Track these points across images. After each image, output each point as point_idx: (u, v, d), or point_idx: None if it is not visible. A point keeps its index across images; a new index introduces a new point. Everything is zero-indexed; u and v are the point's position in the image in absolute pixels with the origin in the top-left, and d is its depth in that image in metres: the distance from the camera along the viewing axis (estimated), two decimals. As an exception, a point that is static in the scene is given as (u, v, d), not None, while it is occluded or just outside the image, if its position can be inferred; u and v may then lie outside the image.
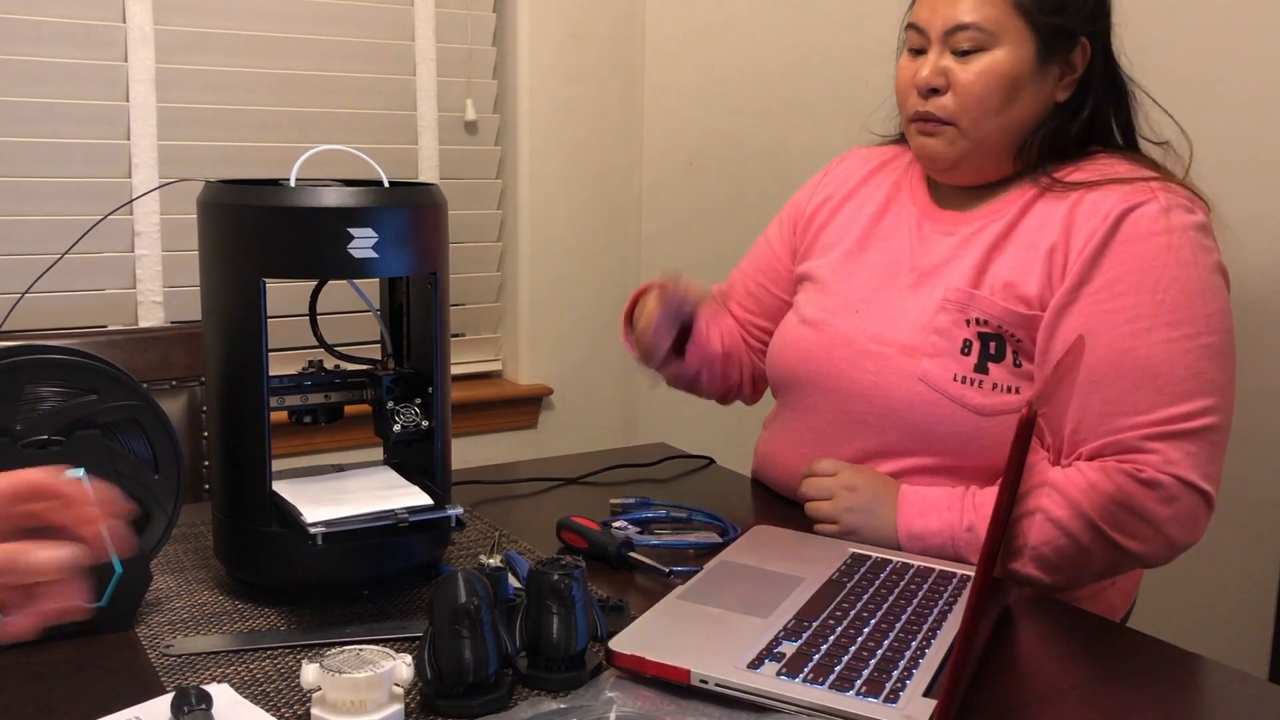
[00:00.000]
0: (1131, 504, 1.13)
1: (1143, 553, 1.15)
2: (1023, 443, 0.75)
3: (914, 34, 1.28)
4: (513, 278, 2.51)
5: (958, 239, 1.29)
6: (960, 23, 1.22)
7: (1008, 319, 1.22)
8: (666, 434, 2.05)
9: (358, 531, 1.01)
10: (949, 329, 1.24)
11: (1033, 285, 1.21)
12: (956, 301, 1.24)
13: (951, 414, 1.22)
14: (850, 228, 1.40)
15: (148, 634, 0.98)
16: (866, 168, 1.46)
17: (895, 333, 1.28)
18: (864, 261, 1.36)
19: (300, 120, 2.22)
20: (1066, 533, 1.13)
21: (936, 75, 1.25)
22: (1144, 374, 1.14)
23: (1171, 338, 1.14)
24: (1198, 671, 0.99)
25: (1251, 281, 1.62)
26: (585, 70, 2.48)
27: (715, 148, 2.48)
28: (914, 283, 1.30)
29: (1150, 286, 1.15)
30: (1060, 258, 1.20)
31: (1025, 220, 1.25)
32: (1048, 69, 1.24)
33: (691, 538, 1.23)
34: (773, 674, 0.88)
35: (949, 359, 1.23)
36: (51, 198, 2.01)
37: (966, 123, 1.24)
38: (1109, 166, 1.25)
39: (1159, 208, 1.18)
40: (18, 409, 0.96)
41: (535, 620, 0.90)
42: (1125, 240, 1.17)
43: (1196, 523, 1.15)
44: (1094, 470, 1.15)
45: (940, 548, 1.18)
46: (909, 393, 1.24)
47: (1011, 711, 0.89)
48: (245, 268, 1.00)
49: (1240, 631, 1.66)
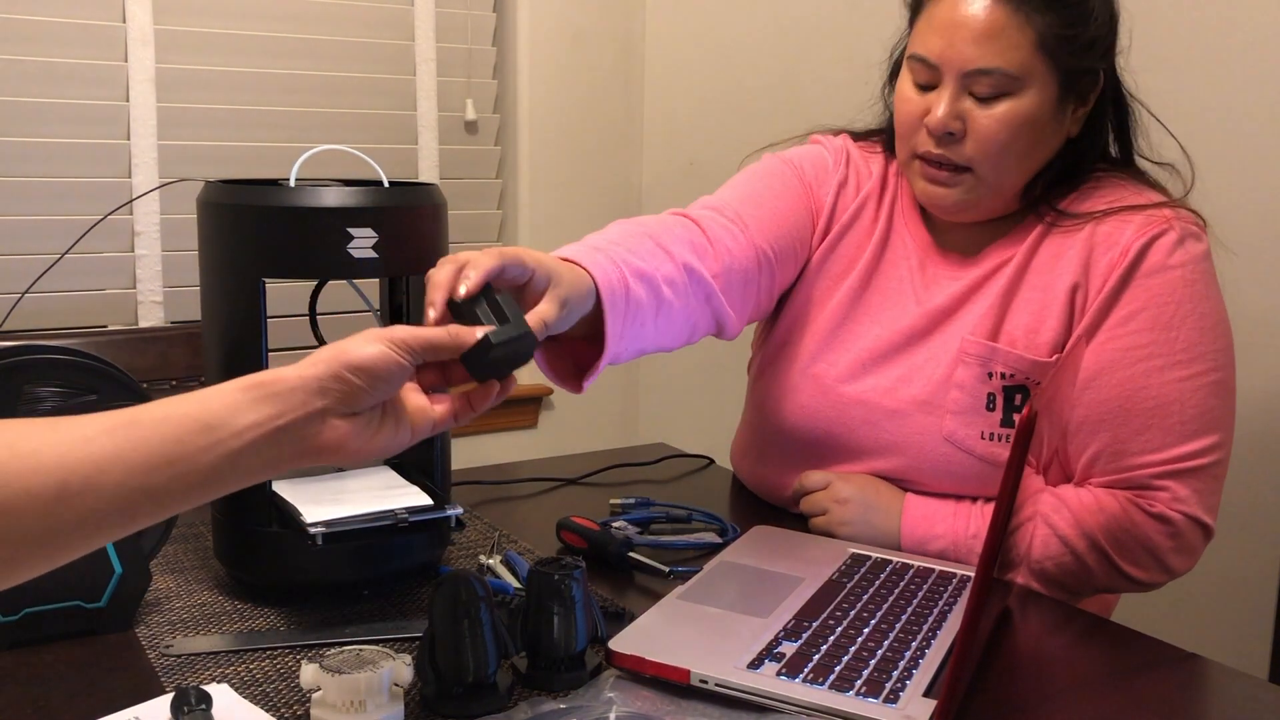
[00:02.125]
0: (1137, 533, 1.13)
1: (1141, 579, 1.15)
2: (1023, 443, 0.75)
3: (921, 68, 1.16)
4: (513, 278, 2.50)
5: (965, 283, 1.23)
6: (982, 67, 1.11)
7: (1033, 371, 1.17)
8: (666, 434, 2.05)
9: (357, 531, 1.01)
10: (971, 384, 1.19)
11: (1053, 329, 1.17)
12: (977, 355, 1.19)
13: (981, 472, 1.19)
14: (856, 256, 1.29)
15: (147, 634, 0.98)
16: (870, 182, 1.32)
17: (910, 387, 1.22)
18: (867, 303, 1.27)
19: (300, 120, 2.22)
20: (1071, 550, 1.14)
21: (953, 119, 1.14)
22: (1155, 414, 1.13)
23: (1183, 376, 1.13)
24: (1198, 671, 0.99)
25: (1252, 282, 1.62)
26: (585, 70, 2.48)
27: (715, 148, 2.48)
28: (924, 330, 1.24)
29: (1165, 323, 1.13)
30: (1082, 295, 1.17)
31: (1036, 260, 1.20)
32: (1064, 106, 1.17)
33: (691, 538, 1.23)
34: (773, 674, 0.88)
35: (974, 415, 1.19)
36: (51, 198, 2.01)
37: (985, 170, 1.16)
38: (1114, 192, 1.20)
39: (1174, 239, 1.14)
40: (17, 409, 0.96)
41: (535, 620, 0.90)
42: (1146, 274, 1.14)
43: (1195, 554, 1.16)
44: (1104, 493, 1.15)
45: (942, 551, 1.18)
46: (936, 454, 1.20)
47: (1011, 711, 0.89)
48: (245, 268, 1.00)
49: (1240, 631, 1.66)
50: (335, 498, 1.05)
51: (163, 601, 1.05)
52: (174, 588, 1.08)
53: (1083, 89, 1.17)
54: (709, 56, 2.48)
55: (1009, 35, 1.11)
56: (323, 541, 0.98)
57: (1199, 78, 1.66)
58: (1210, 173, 1.26)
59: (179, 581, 1.10)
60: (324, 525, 0.99)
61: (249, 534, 1.04)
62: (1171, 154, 1.26)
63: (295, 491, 1.06)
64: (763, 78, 2.39)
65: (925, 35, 1.16)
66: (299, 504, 1.03)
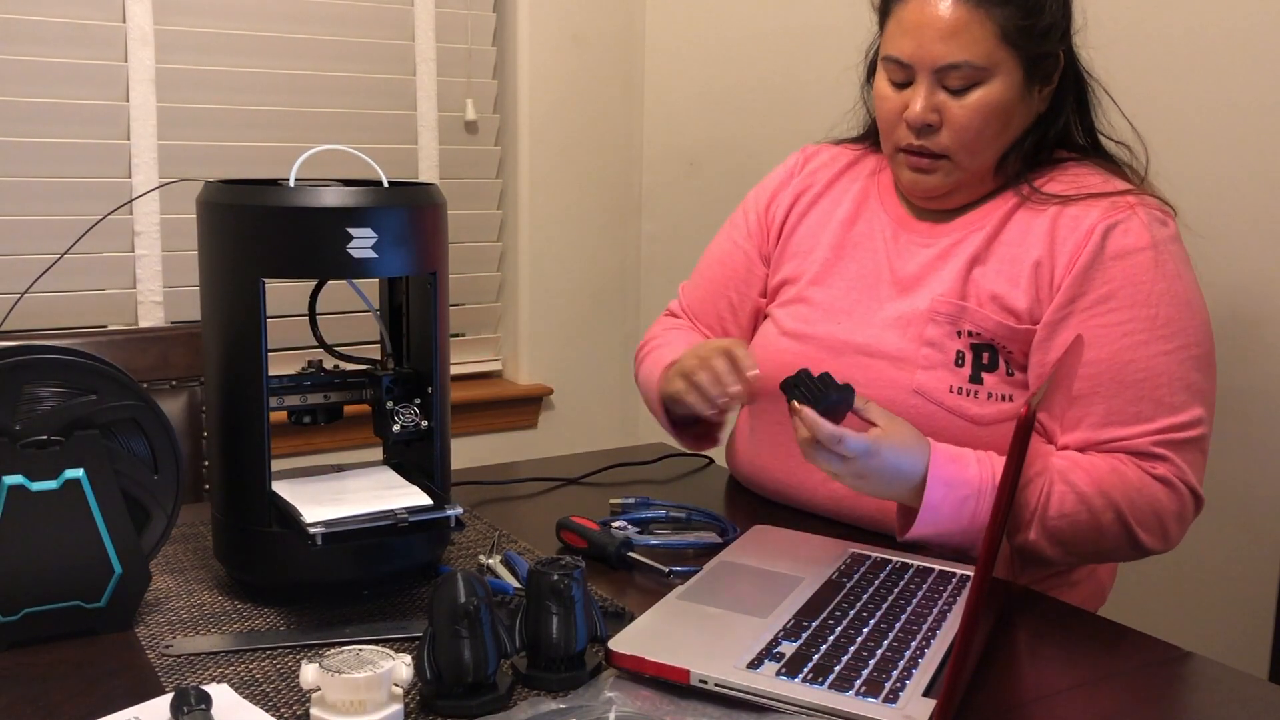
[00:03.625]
0: (1148, 495, 1.16)
1: (1148, 544, 1.17)
2: (1022, 443, 0.75)
3: (896, 67, 1.24)
4: (513, 278, 2.51)
5: (937, 250, 1.29)
6: (952, 62, 1.20)
7: (1000, 332, 1.22)
8: (666, 434, 2.05)
9: (357, 532, 1.01)
10: (941, 341, 1.24)
11: (1021, 299, 1.22)
12: (947, 314, 1.24)
13: (949, 425, 1.22)
14: (821, 234, 1.38)
15: (147, 634, 0.98)
16: (833, 169, 1.43)
17: (882, 344, 1.27)
18: (840, 272, 1.35)
19: (300, 120, 2.22)
20: (1089, 508, 1.14)
21: (930, 112, 1.22)
22: (1145, 385, 1.17)
23: (1167, 350, 1.17)
24: (1198, 671, 0.99)
25: (1253, 283, 1.62)
26: (585, 70, 2.48)
27: (715, 148, 2.48)
28: (895, 293, 1.29)
29: (1142, 301, 1.18)
30: (1046, 273, 1.21)
31: (1005, 231, 1.25)
32: (1031, 88, 1.24)
33: (691, 538, 1.23)
34: (772, 674, 0.88)
35: (944, 370, 1.24)
36: (51, 198, 2.01)
37: (962, 156, 1.24)
38: (1081, 178, 1.26)
39: (1140, 223, 1.20)
40: (17, 409, 0.96)
41: (535, 620, 0.90)
42: (1113, 256, 1.19)
43: (1188, 523, 1.20)
44: (1114, 458, 1.17)
45: (964, 499, 1.13)
46: (905, 405, 1.24)
47: (1011, 711, 0.89)
48: (245, 268, 1.00)
49: (1240, 631, 1.66)
50: (335, 498, 1.05)
51: (162, 601, 1.05)
52: (174, 588, 1.08)
53: (1046, 70, 1.25)
54: (709, 56, 2.48)
55: (973, 30, 1.19)
56: (322, 541, 0.98)
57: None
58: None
59: (179, 581, 1.10)
60: (324, 525, 0.99)
61: (249, 534, 1.04)
62: (1130, 135, 1.31)
63: (295, 492, 1.06)
64: (763, 78, 2.39)
65: (896, 37, 1.24)
66: (299, 504, 1.03)
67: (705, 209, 2.52)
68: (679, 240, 2.56)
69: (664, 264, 2.60)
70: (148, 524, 1.04)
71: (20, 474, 0.93)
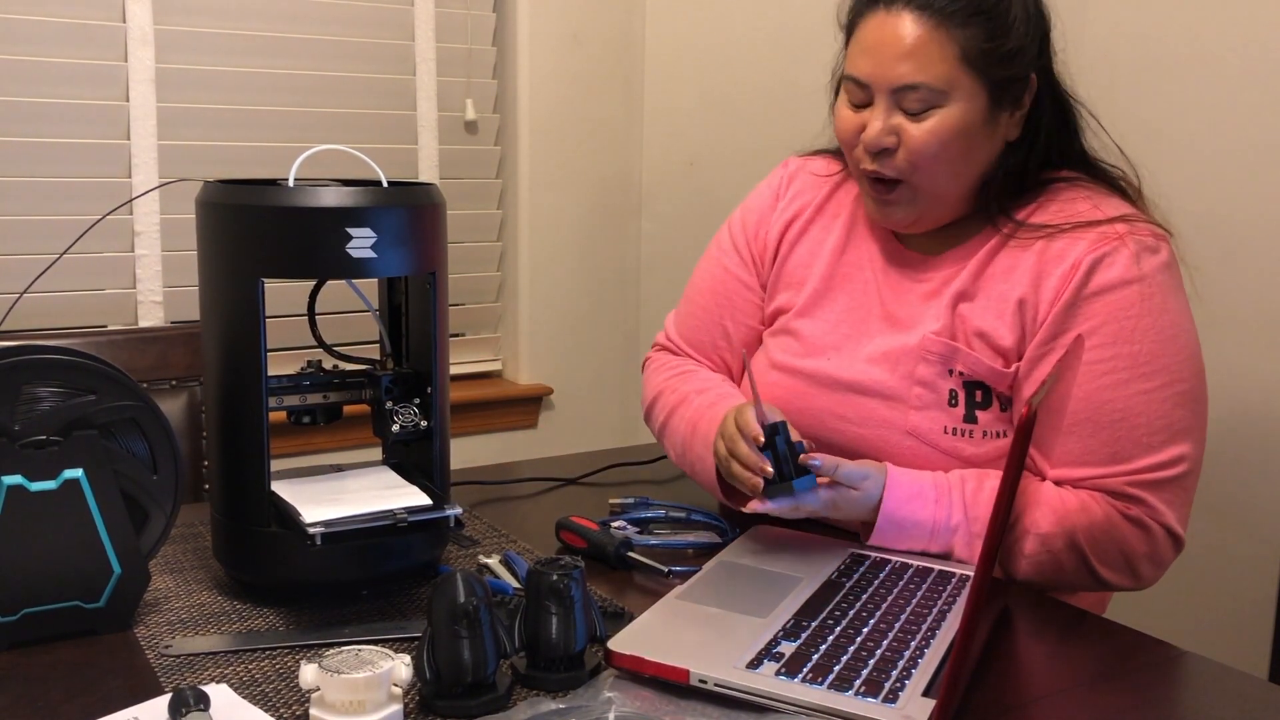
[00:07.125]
0: (1116, 535, 1.14)
1: (1112, 582, 1.16)
2: (1022, 443, 0.75)
3: (855, 87, 1.20)
4: (513, 278, 2.51)
5: (929, 286, 1.25)
6: (909, 83, 1.15)
7: (990, 376, 1.20)
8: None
9: (356, 532, 1.01)
10: (933, 380, 1.21)
11: (1006, 337, 1.19)
12: (939, 354, 1.21)
13: (945, 466, 1.20)
14: (813, 264, 1.34)
15: (146, 634, 0.98)
16: (820, 192, 1.38)
17: (872, 379, 1.24)
18: (830, 305, 1.31)
19: (300, 120, 2.22)
20: (1049, 549, 1.14)
21: (886, 135, 1.17)
22: (1121, 426, 1.14)
23: (1147, 389, 1.14)
24: (1198, 671, 0.99)
25: (1253, 282, 1.62)
26: (585, 70, 2.48)
27: (715, 148, 2.48)
28: (885, 327, 1.26)
29: (1125, 338, 1.14)
30: (1031, 310, 1.18)
31: (991, 268, 1.22)
32: (999, 114, 1.19)
33: (690, 538, 1.23)
34: (772, 674, 0.88)
35: (937, 411, 1.21)
36: (51, 198, 2.01)
37: (919, 180, 1.19)
38: (1069, 205, 1.21)
39: (1128, 255, 1.15)
40: (16, 409, 0.96)
41: (534, 620, 0.90)
42: (1096, 291, 1.15)
43: (1164, 565, 1.17)
44: (1086, 495, 1.15)
45: (913, 539, 1.17)
46: (899, 447, 1.22)
47: (1011, 711, 0.89)
48: (244, 268, 1.00)
49: (1240, 631, 1.66)
50: (334, 498, 1.05)
51: (162, 601, 1.05)
52: (173, 588, 1.08)
53: (1015, 94, 1.19)
54: (709, 56, 2.48)
55: (931, 51, 1.15)
56: (322, 541, 0.98)
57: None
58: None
59: (178, 581, 1.10)
60: (323, 525, 0.99)
61: (248, 534, 1.04)
62: (1135, 154, 1.26)
63: (294, 491, 1.06)
64: (763, 78, 2.39)
65: (855, 57, 1.21)
66: (298, 504, 1.03)
67: (705, 209, 2.52)
68: (679, 240, 2.56)
69: (664, 264, 2.60)
70: (147, 524, 1.04)
71: (19, 474, 0.93)
